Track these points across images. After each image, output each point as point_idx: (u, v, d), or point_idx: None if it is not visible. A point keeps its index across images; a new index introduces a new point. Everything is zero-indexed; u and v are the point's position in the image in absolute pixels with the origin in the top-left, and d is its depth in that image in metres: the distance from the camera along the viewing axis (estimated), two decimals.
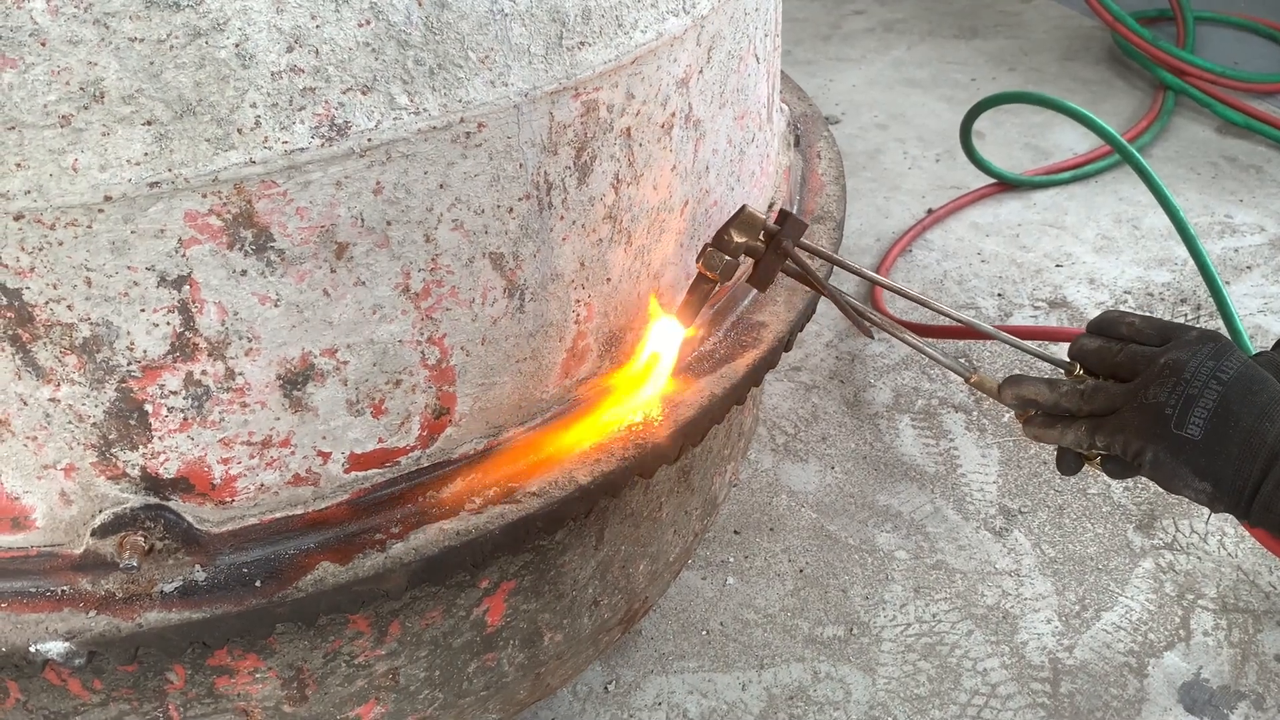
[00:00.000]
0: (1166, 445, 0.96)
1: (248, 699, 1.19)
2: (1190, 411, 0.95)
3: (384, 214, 0.94)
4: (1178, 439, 0.96)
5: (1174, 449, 0.96)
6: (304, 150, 0.88)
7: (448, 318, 1.03)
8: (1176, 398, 0.96)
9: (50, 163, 0.83)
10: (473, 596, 1.24)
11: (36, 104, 0.82)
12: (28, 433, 0.96)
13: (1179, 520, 2.02)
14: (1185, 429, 0.95)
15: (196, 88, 0.85)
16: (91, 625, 1.00)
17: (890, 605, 1.89)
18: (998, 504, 2.07)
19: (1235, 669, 1.76)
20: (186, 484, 1.02)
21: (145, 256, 0.89)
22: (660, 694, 1.76)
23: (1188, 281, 2.62)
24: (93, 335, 0.91)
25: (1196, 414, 0.95)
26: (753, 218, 1.16)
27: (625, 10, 1.03)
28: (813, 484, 2.13)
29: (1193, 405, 0.96)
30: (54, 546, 1.03)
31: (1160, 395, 0.97)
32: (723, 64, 1.20)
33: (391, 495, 1.09)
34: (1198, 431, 0.95)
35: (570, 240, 1.09)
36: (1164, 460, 0.97)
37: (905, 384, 2.36)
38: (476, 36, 0.93)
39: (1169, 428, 0.96)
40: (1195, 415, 0.95)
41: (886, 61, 3.81)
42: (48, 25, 0.82)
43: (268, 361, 0.97)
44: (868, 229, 2.88)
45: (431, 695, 1.30)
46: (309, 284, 0.94)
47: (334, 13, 0.88)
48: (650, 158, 1.13)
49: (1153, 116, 3.21)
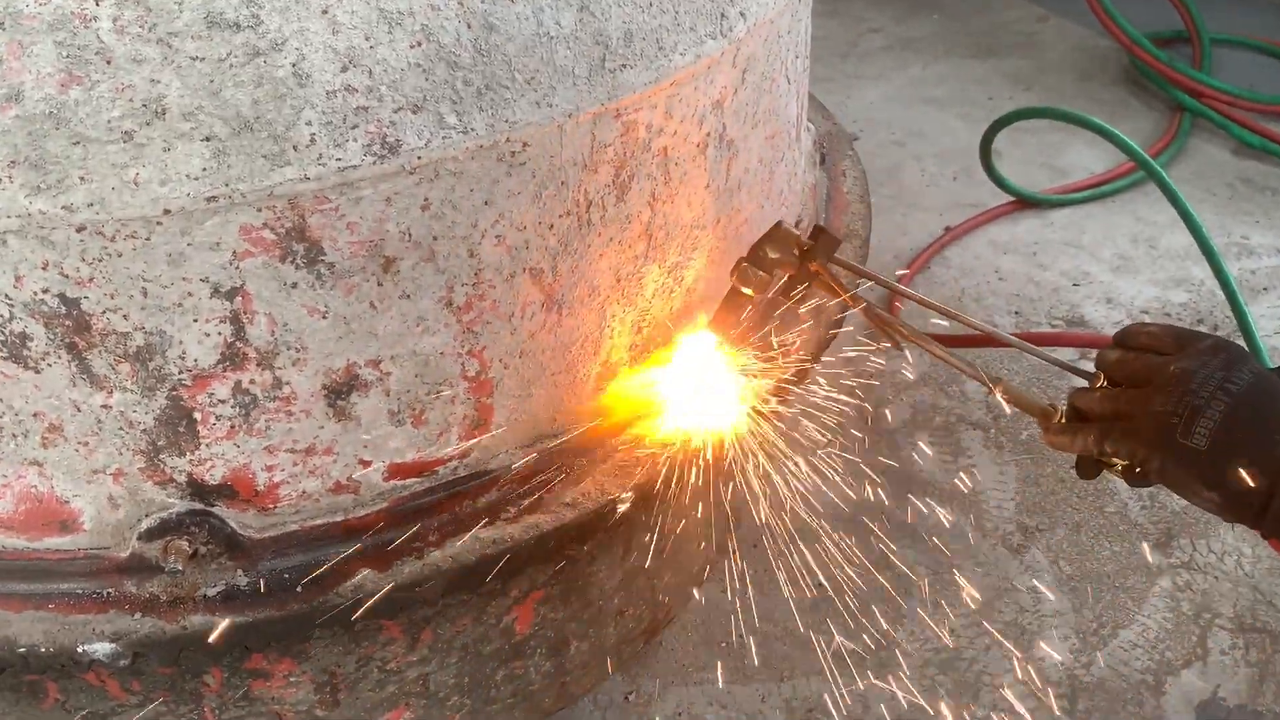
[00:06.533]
0: (1173, 455, 0.96)
1: (281, 703, 1.21)
2: (1196, 422, 0.95)
3: (431, 229, 0.97)
4: (1184, 449, 0.96)
5: (1180, 459, 0.96)
6: (356, 167, 0.90)
7: (488, 330, 1.06)
8: (1183, 407, 0.96)
9: (113, 176, 0.86)
10: (503, 604, 1.26)
11: (101, 119, 0.85)
12: (79, 438, 0.99)
13: (1196, 539, 2.02)
14: (1191, 439, 0.95)
15: (254, 105, 0.87)
16: (137, 627, 1.03)
17: (909, 620, 1.90)
18: (1015, 521, 2.08)
19: (1252, 688, 1.76)
20: (231, 490, 1.04)
21: (200, 268, 0.91)
22: (680, 705, 1.78)
23: (1205, 302, 2.63)
24: (146, 344, 0.94)
25: (1202, 424, 0.95)
26: (787, 234, 1.18)
27: (665, 34, 1.06)
28: (834, 496, 2.14)
29: (1199, 415, 0.95)
30: (100, 549, 1.06)
31: (1168, 404, 0.97)
32: (756, 85, 1.23)
33: (429, 504, 1.11)
34: (1203, 442, 0.95)
35: (607, 256, 1.11)
36: (1170, 469, 0.97)
37: (924, 401, 2.37)
38: (523, 58, 0.96)
39: (1174, 437, 0.96)
40: (1201, 426, 0.95)
41: (904, 79, 3.83)
42: (113, 44, 0.85)
43: (314, 371, 0.99)
44: (886, 246, 2.89)
45: (460, 702, 1.32)
46: (356, 296, 0.97)
47: (387, 34, 0.90)
48: (685, 176, 1.15)
49: (1169, 138, 3.22)
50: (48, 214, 0.86)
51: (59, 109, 0.85)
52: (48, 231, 0.87)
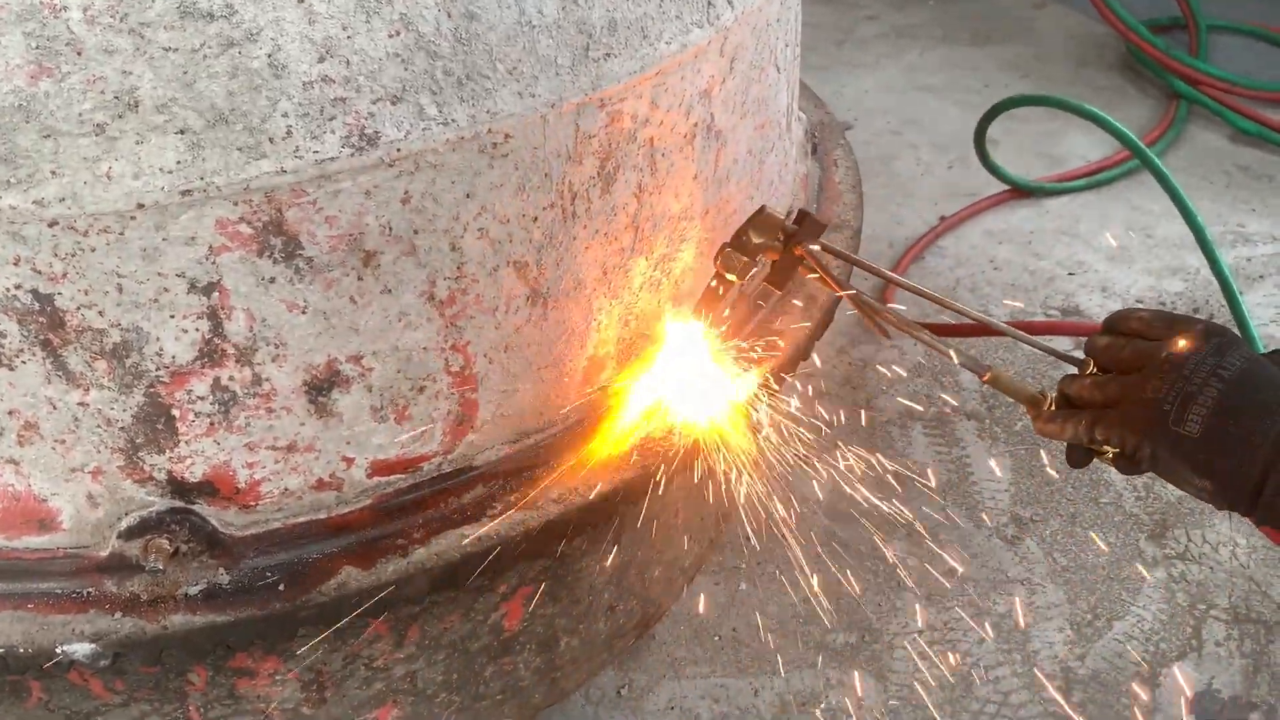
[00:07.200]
0: (1165, 442, 0.95)
1: (267, 701, 1.20)
2: (1189, 408, 0.94)
3: (411, 223, 0.95)
4: (1176, 436, 0.95)
5: (1172, 446, 0.95)
6: (334, 160, 0.89)
7: (471, 325, 1.04)
8: (1175, 394, 0.95)
9: (85, 170, 0.84)
10: (491, 601, 1.24)
11: (72, 112, 0.84)
12: (56, 436, 0.97)
13: (1191, 530, 2.02)
14: (1184, 426, 0.94)
15: (229, 97, 0.86)
16: (117, 627, 1.01)
17: (902, 612, 1.89)
18: (1010, 512, 2.07)
19: (1247, 679, 1.76)
20: (211, 488, 1.03)
21: (176, 263, 0.89)
22: (673, 698, 1.77)
23: (1200, 291, 2.62)
24: (122, 341, 0.92)
25: (1195, 411, 0.94)
26: (771, 218, 1.16)
27: (650, 22, 1.04)
28: (825, 490, 2.13)
29: (1191, 402, 0.94)
30: (80, 548, 1.04)
31: (1159, 391, 0.96)
32: (745, 74, 1.21)
33: (414, 500, 1.10)
34: (1196, 429, 0.94)
35: (593, 249, 1.09)
36: (1162, 457, 0.96)
37: (917, 391, 2.36)
38: (504, 48, 0.94)
39: (1167, 424, 0.95)
40: (1193, 413, 0.94)
41: (899, 67, 3.81)
42: (84, 35, 0.83)
43: (294, 368, 0.98)
44: (880, 235, 2.88)
45: (448, 698, 1.31)
46: (336, 291, 0.95)
47: (365, 24, 0.89)
48: (672, 167, 1.14)
49: (1165, 125, 3.21)
50: (18, 209, 0.84)
51: (29, 101, 0.83)
52: (19, 226, 0.85)
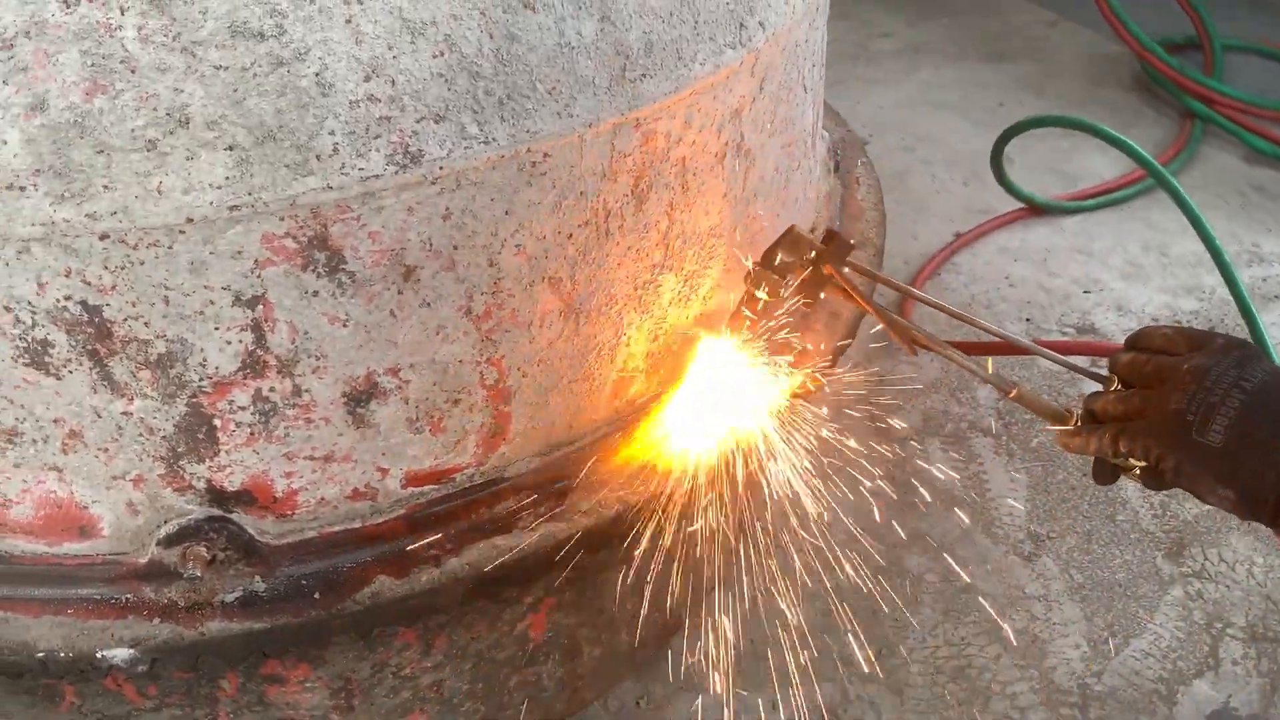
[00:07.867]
0: (1188, 452, 0.97)
1: (296, 708, 1.21)
2: (1212, 419, 0.96)
3: (451, 239, 0.97)
4: (1199, 446, 0.96)
5: (1195, 456, 0.96)
6: (379, 177, 0.91)
7: (506, 339, 1.06)
8: (1198, 405, 0.96)
9: (136, 185, 0.86)
10: (518, 611, 1.26)
11: (125, 128, 0.86)
12: (99, 444, 0.99)
13: (1207, 548, 2.02)
14: (1206, 436, 0.95)
15: (277, 114, 0.88)
16: (155, 633, 1.03)
17: (920, 627, 1.90)
18: (1026, 529, 2.08)
19: (1264, 698, 1.76)
20: (249, 497, 1.04)
21: (222, 277, 0.91)
22: (691, 710, 1.78)
23: (1215, 310, 2.62)
24: (167, 351, 0.94)
25: (1217, 422, 0.95)
26: (800, 238, 1.18)
27: (685, 44, 1.06)
28: (841, 504, 2.14)
29: (1214, 413, 0.96)
30: (119, 555, 1.06)
31: (1182, 402, 0.97)
32: (774, 94, 1.23)
33: (446, 511, 1.11)
34: (1218, 439, 0.95)
35: (625, 265, 1.11)
36: (1185, 467, 0.97)
37: (934, 407, 2.37)
38: (544, 69, 0.96)
39: (1190, 434, 0.96)
40: (1216, 423, 0.95)
41: (914, 84, 3.83)
42: (138, 53, 0.85)
43: (334, 379, 0.99)
44: (895, 252, 2.89)
45: (473, 707, 1.32)
46: (377, 305, 0.97)
47: (410, 44, 0.91)
48: (703, 185, 1.15)
49: (1180, 144, 3.22)
50: (71, 222, 0.86)
51: (83, 118, 0.85)
52: (71, 239, 0.87)
